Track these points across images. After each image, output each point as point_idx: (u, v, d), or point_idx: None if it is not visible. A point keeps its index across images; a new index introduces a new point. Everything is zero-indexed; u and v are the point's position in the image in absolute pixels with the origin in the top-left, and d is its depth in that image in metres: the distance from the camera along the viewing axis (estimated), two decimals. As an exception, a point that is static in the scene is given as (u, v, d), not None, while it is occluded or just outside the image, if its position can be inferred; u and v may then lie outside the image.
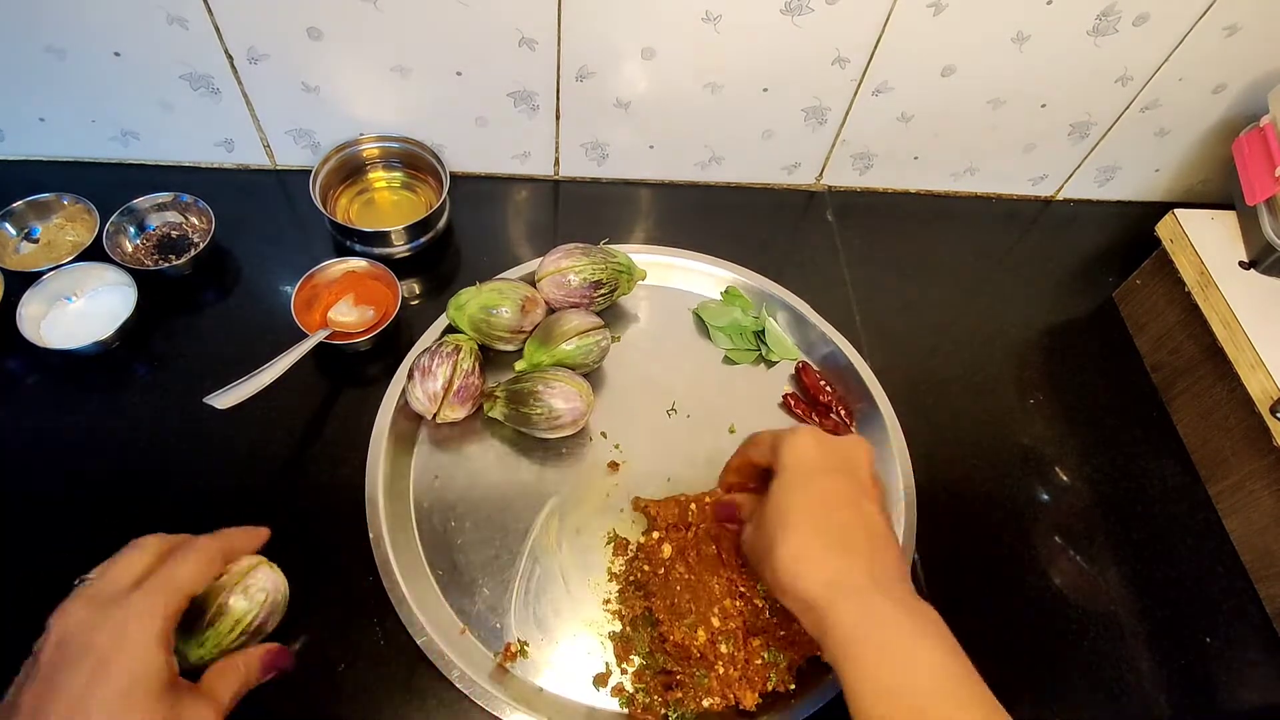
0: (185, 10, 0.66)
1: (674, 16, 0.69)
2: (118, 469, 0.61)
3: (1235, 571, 0.67)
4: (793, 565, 0.44)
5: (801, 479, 0.47)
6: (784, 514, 0.46)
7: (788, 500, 0.47)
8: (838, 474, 0.47)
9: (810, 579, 0.44)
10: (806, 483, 0.47)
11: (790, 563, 0.44)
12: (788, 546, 0.45)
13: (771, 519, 0.46)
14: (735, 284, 0.76)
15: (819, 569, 0.44)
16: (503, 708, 0.53)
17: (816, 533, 0.45)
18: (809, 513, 0.46)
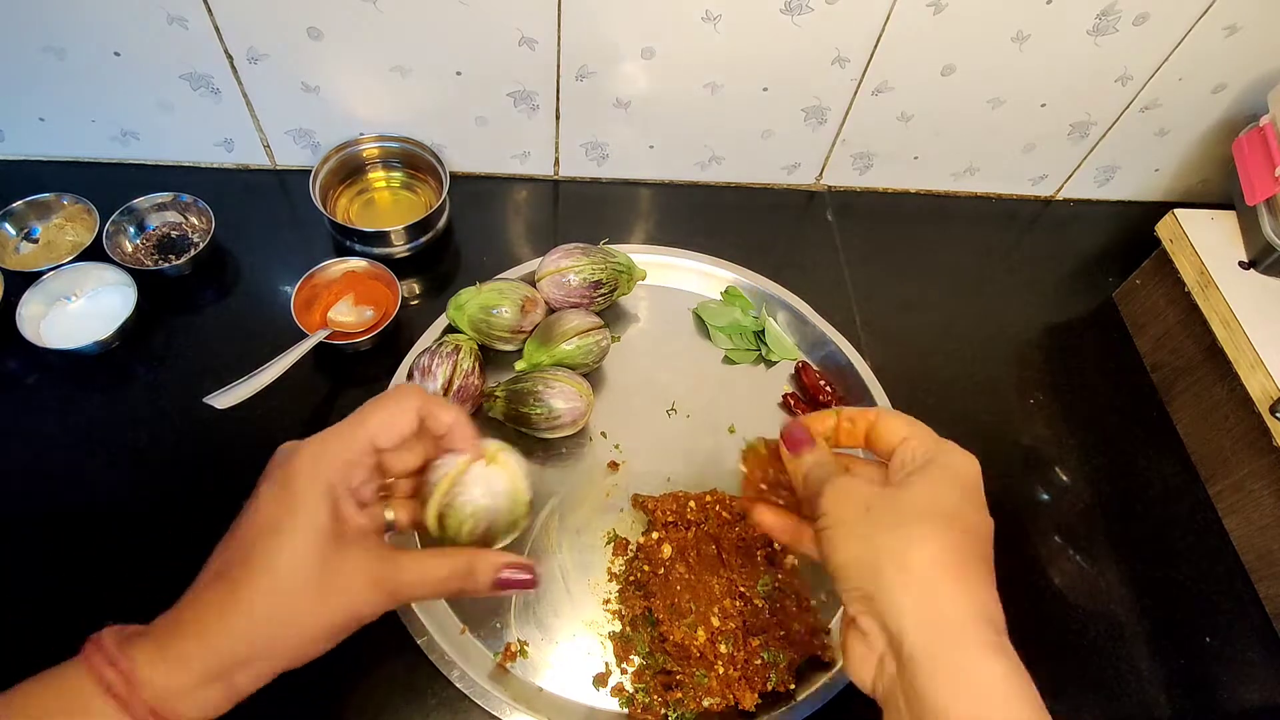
0: (185, 10, 0.66)
1: (674, 16, 0.69)
2: (118, 469, 0.61)
3: (1235, 571, 0.67)
4: (936, 571, 0.36)
5: (963, 491, 0.40)
6: (941, 508, 0.38)
7: (950, 497, 0.39)
8: (982, 512, 0.41)
9: (955, 601, 0.36)
10: (966, 499, 0.40)
11: (931, 567, 0.36)
12: (937, 545, 0.36)
13: (912, 503, 0.38)
14: (735, 284, 0.76)
15: (968, 592, 0.36)
16: (503, 708, 0.53)
17: (970, 550, 0.38)
18: (959, 531, 0.38)
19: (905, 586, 0.36)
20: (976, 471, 0.41)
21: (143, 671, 0.33)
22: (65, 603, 0.55)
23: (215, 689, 0.34)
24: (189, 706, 0.33)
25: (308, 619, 0.35)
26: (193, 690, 0.34)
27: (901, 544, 0.37)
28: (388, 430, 0.39)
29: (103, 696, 0.33)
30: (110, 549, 0.58)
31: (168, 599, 0.56)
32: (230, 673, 0.34)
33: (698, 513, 0.60)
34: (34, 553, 0.57)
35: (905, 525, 0.37)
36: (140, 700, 0.32)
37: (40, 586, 0.56)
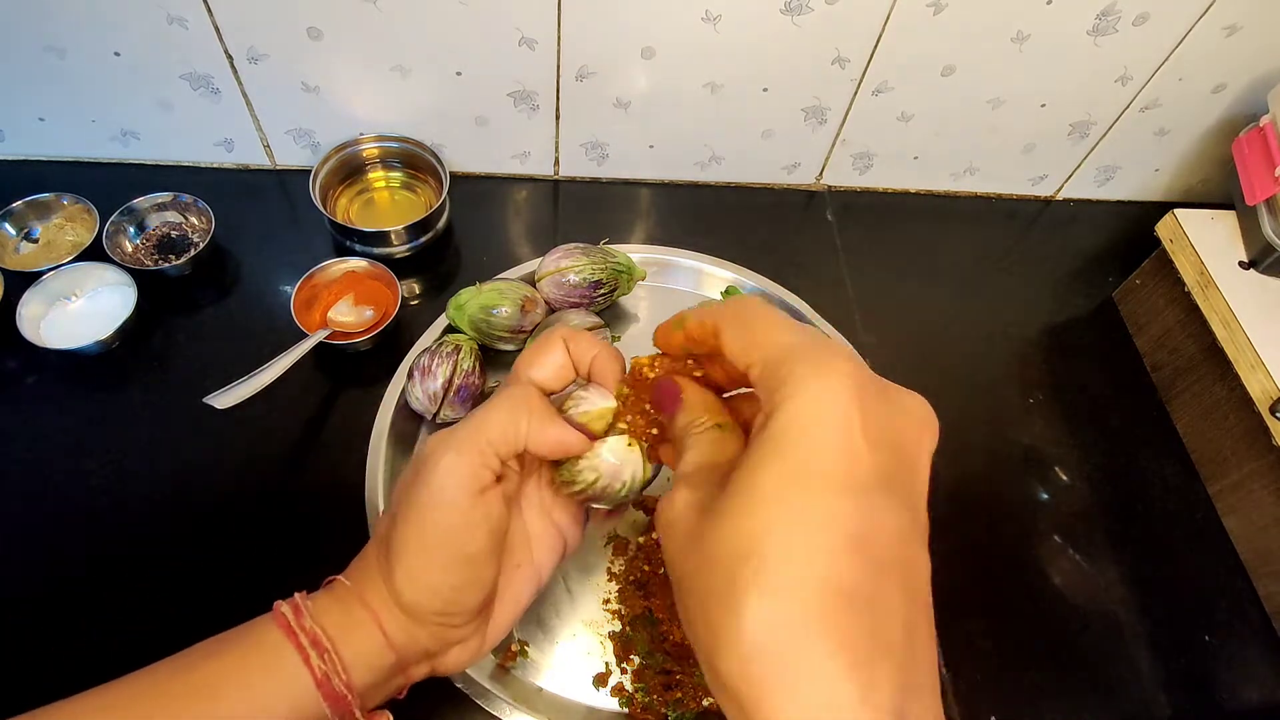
0: (185, 10, 0.66)
1: (674, 16, 0.69)
2: (117, 469, 0.61)
3: (1235, 570, 0.67)
4: (755, 672, 0.22)
5: (818, 484, 0.24)
6: (762, 551, 0.23)
7: (778, 523, 0.24)
8: (891, 493, 0.25)
9: (788, 707, 0.22)
10: (826, 496, 0.24)
11: (749, 666, 0.22)
12: (754, 622, 0.22)
13: (731, 548, 0.24)
14: (735, 284, 0.76)
15: (812, 690, 0.22)
16: (503, 708, 0.53)
17: (822, 607, 0.22)
18: (817, 565, 0.23)
19: (717, 680, 0.23)
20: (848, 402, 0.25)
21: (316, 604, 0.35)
22: (66, 603, 0.55)
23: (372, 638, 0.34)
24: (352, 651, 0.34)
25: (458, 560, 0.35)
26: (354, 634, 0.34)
27: (706, 613, 0.24)
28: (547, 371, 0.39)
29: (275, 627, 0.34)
30: (110, 549, 0.58)
31: (168, 598, 0.56)
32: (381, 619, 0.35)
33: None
34: (34, 553, 0.57)
35: (715, 580, 0.24)
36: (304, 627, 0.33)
37: (40, 586, 0.56)
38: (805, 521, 0.23)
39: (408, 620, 0.35)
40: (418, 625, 0.35)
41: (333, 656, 0.33)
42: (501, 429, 0.35)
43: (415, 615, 0.35)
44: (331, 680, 0.33)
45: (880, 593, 0.23)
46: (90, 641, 0.54)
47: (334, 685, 0.33)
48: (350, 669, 0.33)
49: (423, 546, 0.34)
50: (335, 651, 0.33)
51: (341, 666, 0.33)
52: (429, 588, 0.35)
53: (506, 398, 0.36)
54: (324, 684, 0.32)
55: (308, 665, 0.32)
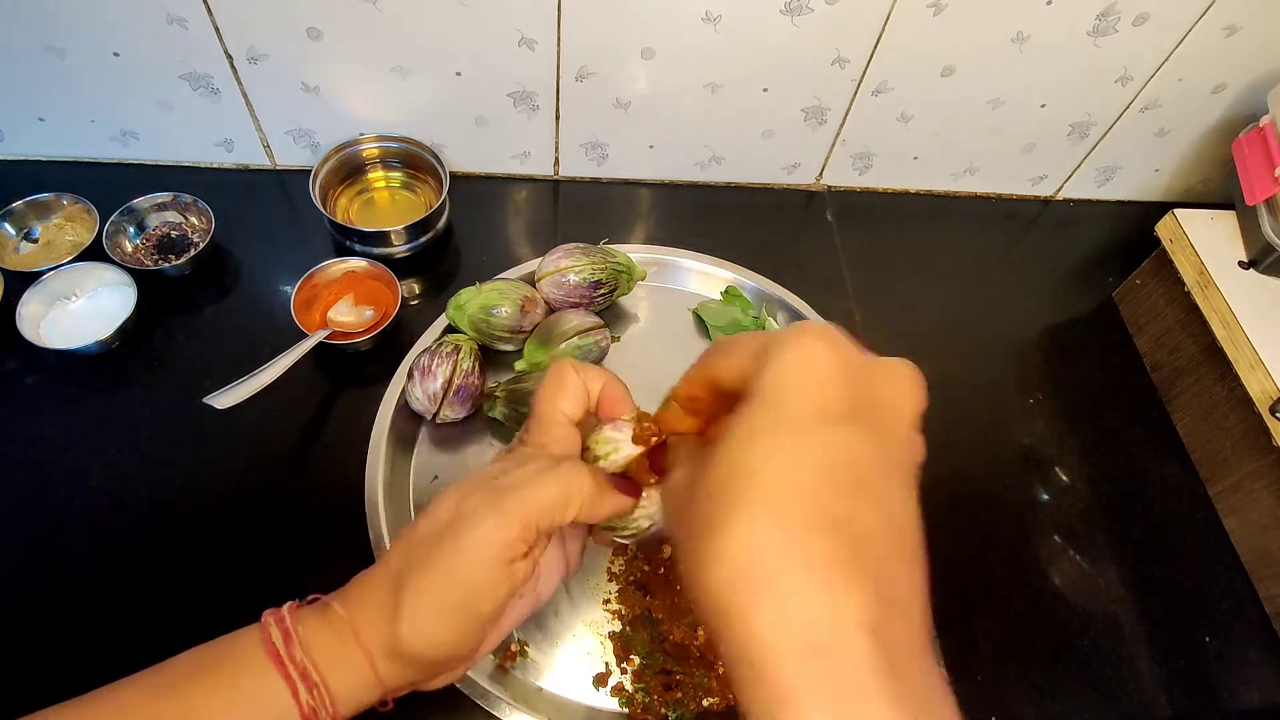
0: (185, 10, 0.66)
1: (674, 16, 0.69)
2: (117, 469, 0.61)
3: (1235, 571, 0.67)
4: (738, 583, 0.23)
5: (794, 419, 0.25)
6: (746, 477, 0.25)
7: (757, 453, 0.25)
8: (861, 425, 0.26)
9: (766, 622, 0.23)
10: (802, 429, 0.25)
11: (734, 577, 0.24)
12: (737, 533, 0.24)
13: (719, 480, 0.25)
14: (735, 284, 0.76)
15: (790, 605, 0.23)
16: (503, 708, 0.53)
17: (800, 521, 0.24)
18: (795, 486, 0.24)
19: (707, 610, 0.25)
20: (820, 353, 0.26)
21: (306, 632, 0.33)
22: (66, 603, 0.55)
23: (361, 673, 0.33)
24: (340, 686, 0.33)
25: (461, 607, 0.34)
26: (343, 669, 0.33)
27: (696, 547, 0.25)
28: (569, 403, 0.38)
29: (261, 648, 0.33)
30: (110, 548, 0.58)
31: (168, 598, 0.56)
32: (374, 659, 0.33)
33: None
34: (34, 553, 0.57)
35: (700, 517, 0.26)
36: (294, 658, 0.32)
37: (40, 586, 0.56)
38: (784, 449, 0.25)
39: (402, 661, 0.34)
40: (411, 668, 0.34)
41: (321, 693, 0.32)
42: (551, 509, 0.34)
43: (412, 661, 0.34)
44: (319, 715, 0.32)
45: (856, 515, 0.24)
46: (90, 641, 0.54)
47: (320, 718, 0.32)
48: (337, 702, 0.32)
49: (441, 605, 0.33)
50: (325, 686, 0.32)
51: (329, 700, 0.32)
52: (436, 641, 0.34)
53: (559, 476, 0.34)
54: (310, 717, 0.32)
55: (296, 700, 0.32)
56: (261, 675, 0.32)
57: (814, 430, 0.25)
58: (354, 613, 0.34)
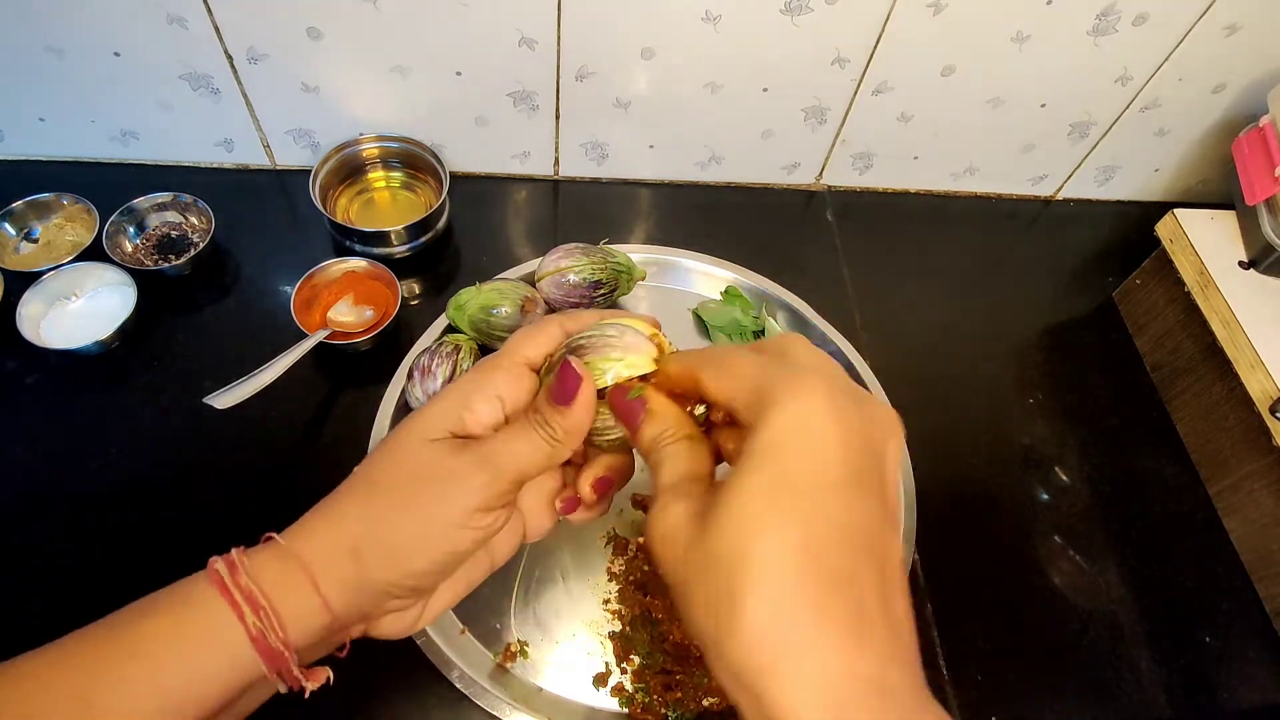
0: (185, 10, 0.66)
1: (674, 16, 0.69)
2: (117, 469, 0.61)
3: (1235, 571, 0.67)
4: (758, 653, 0.26)
5: (797, 486, 0.27)
6: (757, 550, 0.26)
7: (767, 523, 0.27)
8: (862, 487, 0.28)
9: (789, 690, 0.25)
10: (806, 495, 0.27)
11: (757, 642, 0.26)
12: (756, 611, 0.26)
13: (729, 549, 0.27)
14: (735, 284, 0.76)
15: (810, 671, 0.25)
16: (503, 708, 0.53)
17: (813, 591, 0.26)
18: (805, 556, 0.26)
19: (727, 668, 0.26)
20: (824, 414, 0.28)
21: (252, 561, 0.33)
22: (65, 603, 0.55)
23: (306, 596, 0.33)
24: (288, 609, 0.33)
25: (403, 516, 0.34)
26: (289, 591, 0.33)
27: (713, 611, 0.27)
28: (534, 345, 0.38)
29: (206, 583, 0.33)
30: (109, 550, 0.58)
31: (168, 599, 0.56)
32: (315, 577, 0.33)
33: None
34: (34, 553, 0.57)
35: (716, 582, 0.27)
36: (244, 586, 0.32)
37: (40, 586, 0.56)
38: (791, 521, 0.27)
39: (354, 584, 0.34)
40: (363, 592, 0.34)
41: (269, 614, 0.32)
42: (540, 468, 0.35)
43: (369, 584, 0.34)
44: (268, 637, 0.32)
45: (858, 574, 0.27)
46: (90, 641, 0.54)
47: (270, 642, 0.32)
48: (286, 626, 0.32)
49: (419, 537, 0.34)
50: (272, 609, 0.32)
51: (279, 624, 0.32)
52: (406, 571, 0.34)
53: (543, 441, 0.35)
54: (259, 640, 0.32)
55: (243, 622, 0.32)
56: (208, 606, 0.32)
57: (818, 497, 0.27)
58: (296, 540, 0.35)
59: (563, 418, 0.35)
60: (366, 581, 0.34)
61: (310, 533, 0.35)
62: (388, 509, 0.35)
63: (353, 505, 0.36)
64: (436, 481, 0.34)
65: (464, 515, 0.34)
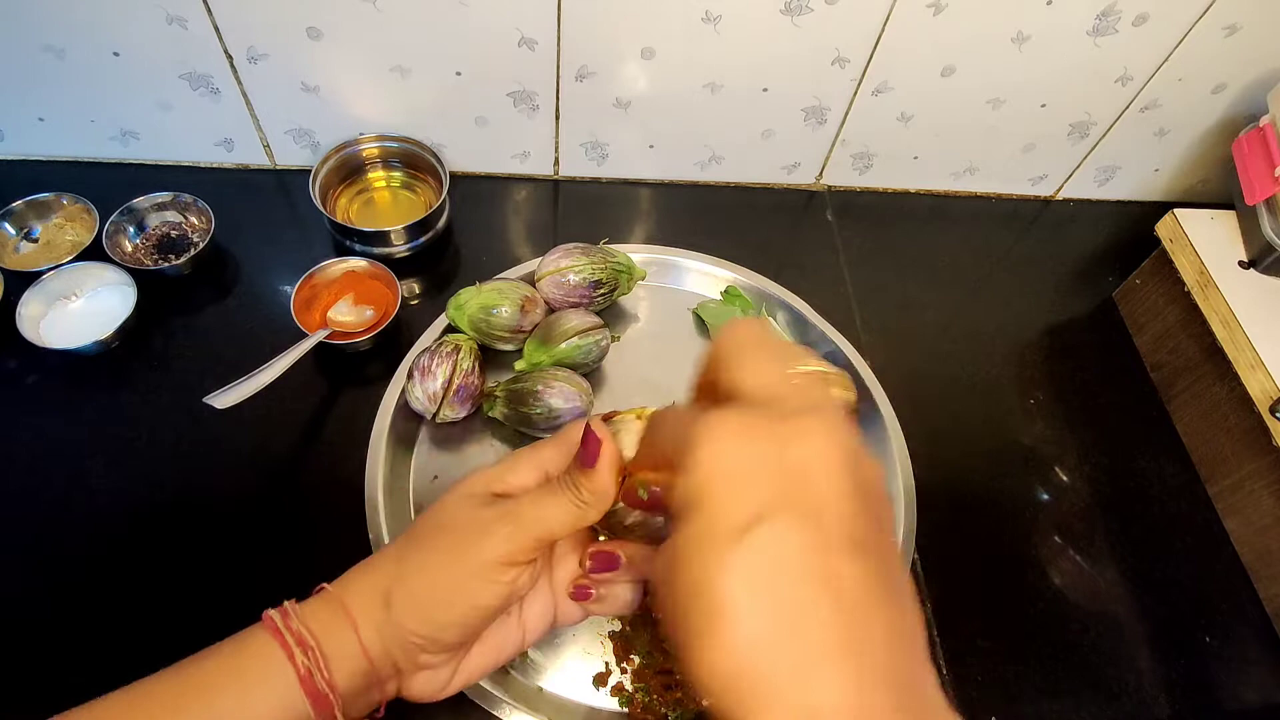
0: (185, 10, 0.66)
1: (674, 16, 0.69)
2: (117, 469, 0.61)
3: (1235, 571, 0.67)
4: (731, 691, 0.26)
5: (724, 530, 0.27)
6: (691, 602, 0.27)
7: (696, 573, 0.27)
8: (788, 510, 0.27)
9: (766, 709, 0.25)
10: (727, 543, 0.26)
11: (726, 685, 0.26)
12: (716, 654, 0.26)
13: (684, 591, 0.27)
14: (735, 284, 0.76)
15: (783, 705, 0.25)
16: (503, 708, 0.53)
17: (769, 631, 0.26)
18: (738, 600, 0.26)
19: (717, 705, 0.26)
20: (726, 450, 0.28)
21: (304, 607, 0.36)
22: (65, 602, 0.55)
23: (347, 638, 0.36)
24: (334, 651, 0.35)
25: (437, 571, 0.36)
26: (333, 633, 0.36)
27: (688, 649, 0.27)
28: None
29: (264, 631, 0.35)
30: (110, 549, 0.58)
31: (169, 597, 0.56)
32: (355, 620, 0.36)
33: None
34: (34, 552, 0.57)
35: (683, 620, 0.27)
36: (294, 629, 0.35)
37: (40, 586, 0.56)
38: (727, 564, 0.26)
39: (387, 633, 0.36)
40: (394, 641, 0.36)
41: (316, 654, 0.34)
42: (565, 528, 0.37)
43: (398, 632, 0.36)
44: (314, 677, 0.34)
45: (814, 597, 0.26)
46: (90, 641, 0.54)
47: (316, 682, 0.34)
48: (332, 668, 0.35)
49: (443, 586, 0.36)
50: (319, 649, 0.35)
51: (324, 665, 0.34)
52: (430, 619, 0.36)
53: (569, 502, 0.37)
54: (306, 680, 0.34)
55: (292, 662, 0.34)
56: (264, 649, 0.35)
57: (748, 535, 0.26)
58: (342, 587, 0.37)
59: (588, 480, 0.36)
60: (396, 628, 0.36)
61: (352, 579, 0.38)
62: (416, 556, 0.37)
63: (390, 554, 0.38)
64: (461, 531, 0.37)
65: (485, 566, 0.36)
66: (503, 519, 0.36)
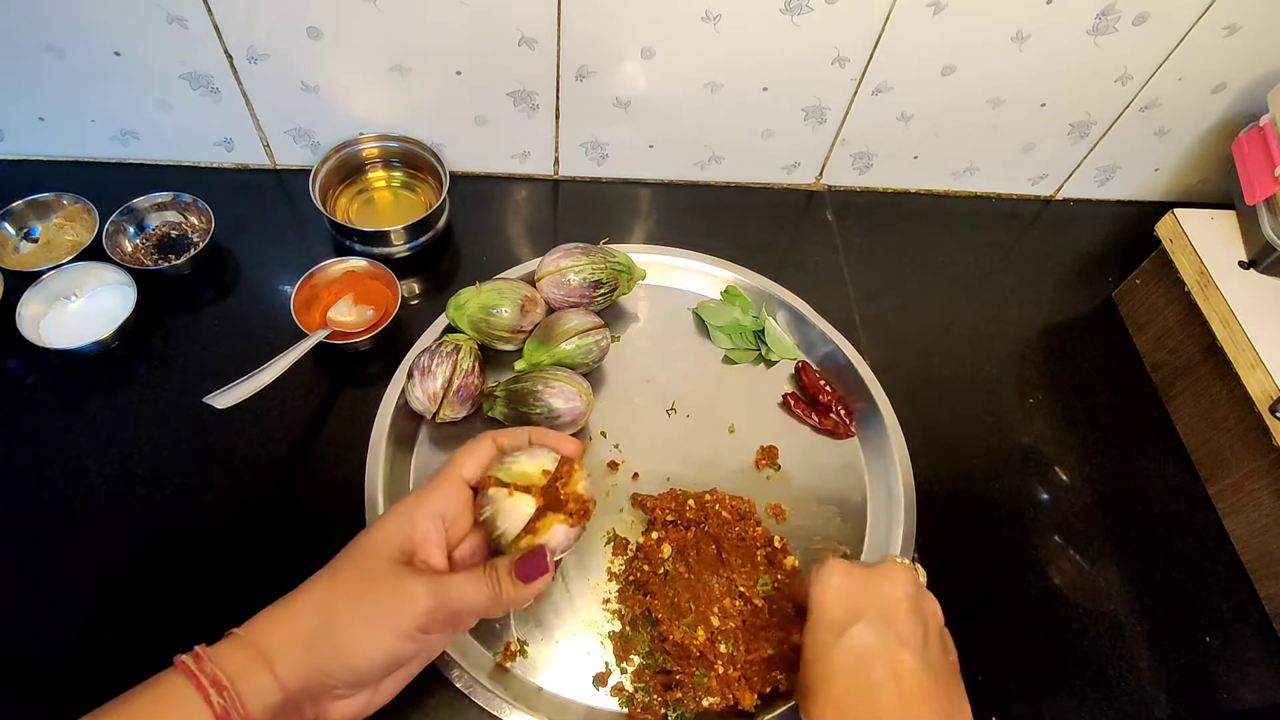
0: (185, 10, 0.66)
1: (674, 16, 0.69)
2: (117, 469, 0.61)
3: (1235, 571, 0.67)
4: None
5: (826, 633, 0.45)
6: (810, 672, 0.45)
7: (812, 655, 0.45)
8: (865, 621, 0.44)
9: None
10: (832, 637, 0.45)
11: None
12: (817, 711, 0.43)
13: (804, 672, 0.45)
14: (735, 284, 0.76)
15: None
16: (503, 707, 0.53)
17: (842, 698, 0.43)
18: (835, 673, 0.43)
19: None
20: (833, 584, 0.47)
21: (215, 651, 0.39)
22: (65, 601, 0.55)
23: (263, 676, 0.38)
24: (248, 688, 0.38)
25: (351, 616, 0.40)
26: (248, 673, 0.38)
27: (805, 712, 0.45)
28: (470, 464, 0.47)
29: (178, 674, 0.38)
30: (110, 548, 0.58)
31: (168, 597, 0.56)
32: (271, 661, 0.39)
33: (697, 512, 0.60)
34: (33, 553, 0.57)
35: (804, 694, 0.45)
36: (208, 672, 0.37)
37: (40, 585, 0.56)
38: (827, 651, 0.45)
39: (306, 670, 0.39)
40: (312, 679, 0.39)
41: (230, 693, 0.37)
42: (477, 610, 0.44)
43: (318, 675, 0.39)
44: (230, 715, 0.36)
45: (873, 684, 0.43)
46: (89, 640, 0.54)
47: (232, 718, 0.37)
48: (247, 703, 0.37)
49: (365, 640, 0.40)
50: (234, 689, 0.37)
51: (239, 702, 0.37)
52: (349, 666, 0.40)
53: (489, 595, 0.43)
54: (223, 717, 0.36)
55: (208, 702, 0.36)
56: (179, 693, 0.37)
57: (838, 632, 0.44)
58: (261, 632, 0.40)
59: (515, 589, 0.43)
60: (316, 671, 0.39)
61: (270, 626, 0.40)
62: (342, 612, 0.40)
63: (311, 604, 0.41)
64: (389, 596, 0.41)
65: (408, 629, 0.41)
66: (429, 595, 0.41)
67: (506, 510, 0.45)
